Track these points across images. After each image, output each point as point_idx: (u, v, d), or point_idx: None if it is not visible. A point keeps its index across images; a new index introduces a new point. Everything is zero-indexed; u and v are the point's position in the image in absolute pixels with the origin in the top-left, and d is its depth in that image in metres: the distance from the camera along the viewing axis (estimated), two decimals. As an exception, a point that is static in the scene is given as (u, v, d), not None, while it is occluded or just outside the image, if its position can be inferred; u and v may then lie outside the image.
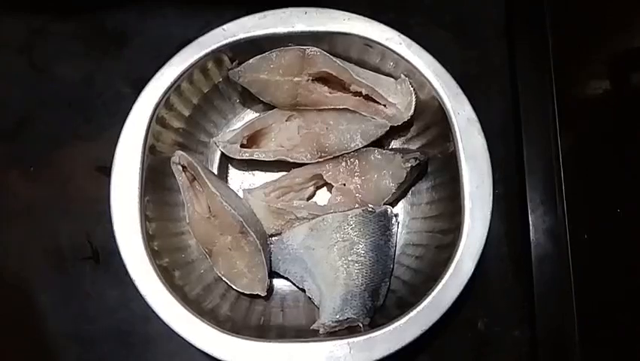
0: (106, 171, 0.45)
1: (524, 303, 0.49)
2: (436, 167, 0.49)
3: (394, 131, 0.50)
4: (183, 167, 0.47)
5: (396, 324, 0.41)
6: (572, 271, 0.46)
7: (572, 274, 0.46)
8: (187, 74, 0.46)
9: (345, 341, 0.41)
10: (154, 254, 0.43)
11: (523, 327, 0.49)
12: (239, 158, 0.50)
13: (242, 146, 0.50)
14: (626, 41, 0.54)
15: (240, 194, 0.51)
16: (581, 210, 0.48)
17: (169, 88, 0.46)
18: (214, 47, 0.46)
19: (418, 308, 0.41)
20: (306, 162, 0.49)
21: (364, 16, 0.47)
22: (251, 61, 0.47)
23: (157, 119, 0.46)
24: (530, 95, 0.51)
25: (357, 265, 0.45)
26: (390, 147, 0.52)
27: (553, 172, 0.48)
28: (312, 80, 0.48)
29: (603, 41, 0.54)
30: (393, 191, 0.48)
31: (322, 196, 0.52)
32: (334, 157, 0.48)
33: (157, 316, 0.41)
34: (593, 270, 0.47)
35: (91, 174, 0.52)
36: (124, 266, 0.43)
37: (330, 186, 0.50)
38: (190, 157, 0.47)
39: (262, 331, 0.45)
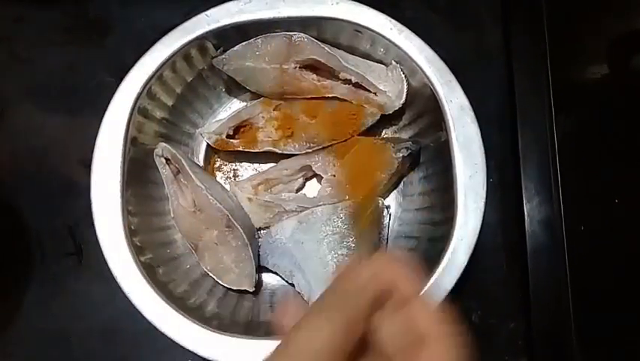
0: (88, 163, 0.43)
1: (519, 295, 0.48)
2: (429, 156, 0.48)
3: (385, 120, 0.49)
4: (167, 159, 0.46)
5: (388, 319, 0.40)
6: (567, 262, 0.45)
7: (567, 266, 0.45)
8: (169, 62, 0.45)
9: (336, 337, 0.39)
10: (137, 250, 0.42)
11: (519, 319, 0.48)
12: (225, 149, 0.49)
13: (228, 137, 0.49)
14: (625, 25, 0.53)
15: (227, 186, 0.49)
16: (577, 200, 0.47)
17: (150, 77, 0.45)
18: (197, 33, 0.45)
19: (410, 303, 0.40)
20: (295, 152, 0.48)
21: (353, -1, 0.45)
22: (236, 48, 0.46)
23: (139, 110, 0.45)
24: (526, 81, 0.49)
25: (347, 258, 0.44)
26: (382, 136, 0.51)
27: (549, 161, 0.47)
28: (300, 67, 0.47)
29: (601, 25, 0.52)
30: (385, 182, 0.47)
31: (312, 188, 0.51)
32: (323, 147, 0.47)
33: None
34: (589, 261, 0.46)
35: (73, 166, 0.51)
36: (107, 262, 0.41)
37: (319, 178, 0.49)
38: (174, 149, 0.46)
39: (250, 328, 0.44)
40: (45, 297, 0.49)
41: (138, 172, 0.45)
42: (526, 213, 0.47)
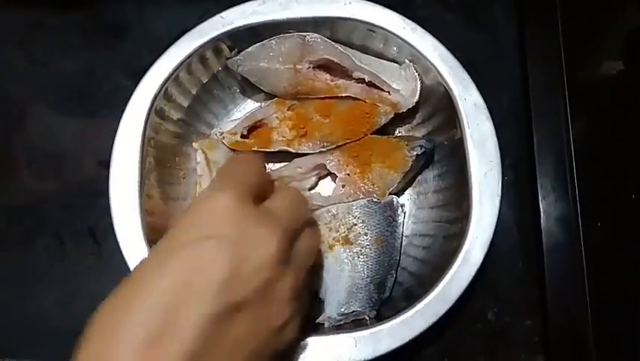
0: (106, 164, 0.44)
1: (535, 292, 0.48)
2: (443, 154, 0.48)
3: (399, 119, 0.49)
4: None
5: (403, 317, 0.40)
6: (584, 259, 0.45)
7: (584, 263, 0.45)
8: (185, 64, 0.46)
9: (351, 334, 0.40)
10: (155, 249, 0.42)
11: (535, 317, 0.48)
12: (240, 149, 0.49)
13: (242, 137, 0.49)
14: (640, 20, 0.52)
15: (242, 186, 0.49)
16: (593, 196, 0.46)
17: (167, 79, 0.45)
18: (212, 35, 0.46)
19: (426, 300, 0.40)
20: (309, 152, 0.48)
21: (366, -1, 0.45)
22: (250, 49, 0.46)
23: (156, 111, 0.45)
24: (541, 78, 0.49)
25: (362, 257, 0.44)
26: (395, 134, 0.51)
27: (565, 158, 0.47)
28: (313, 67, 0.47)
29: (617, 21, 0.52)
30: (399, 180, 0.47)
31: (326, 186, 0.51)
32: (337, 147, 0.47)
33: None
34: (606, 258, 0.46)
35: (92, 167, 0.52)
36: (127, 262, 0.42)
37: (333, 176, 0.49)
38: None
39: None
40: (66, 297, 0.50)
41: (156, 173, 0.45)
42: (542, 210, 0.46)
